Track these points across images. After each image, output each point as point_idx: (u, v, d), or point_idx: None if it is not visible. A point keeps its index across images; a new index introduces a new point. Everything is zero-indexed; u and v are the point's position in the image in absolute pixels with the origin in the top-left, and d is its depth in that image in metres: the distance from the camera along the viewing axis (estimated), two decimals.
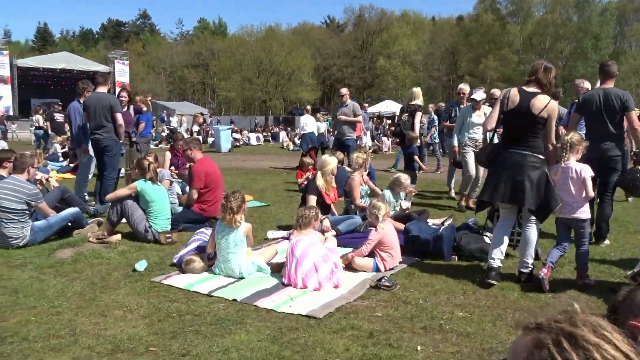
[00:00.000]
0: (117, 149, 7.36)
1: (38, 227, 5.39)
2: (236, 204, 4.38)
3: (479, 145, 7.38)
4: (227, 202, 4.40)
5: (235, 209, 4.36)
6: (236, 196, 4.44)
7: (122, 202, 5.58)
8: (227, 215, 4.35)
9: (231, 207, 4.35)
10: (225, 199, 4.48)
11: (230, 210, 4.35)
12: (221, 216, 4.47)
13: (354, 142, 10.92)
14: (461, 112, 8.01)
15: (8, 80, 39.76)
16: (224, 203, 4.42)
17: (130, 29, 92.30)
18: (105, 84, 7.31)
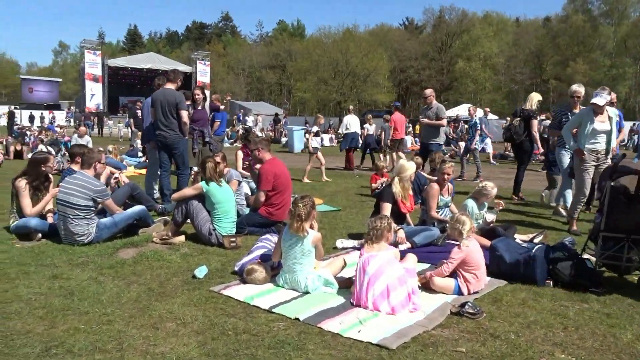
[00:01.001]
0: (183, 146, 7.22)
1: (103, 225, 5.28)
2: (305, 210, 3.99)
3: (601, 158, 6.47)
4: (296, 208, 4.01)
5: (304, 216, 3.97)
6: (305, 202, 4.04)
7: (187, 202, 5.37)
8: (295, 223, 3.97)
9: (299, 214, 3.96)
10: (293, 204, 4.10)
11: (299, 217, 3.96)
12: (288, 223, 4.09)
13: (439, 147, 10.27)
14: (578, 116, 6.71)
15: (100, 79, 42.22)
16: (292, 209, 4.04)
17: (213, 30, 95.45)
18: (174, 81, 7.19)
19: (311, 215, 4.06)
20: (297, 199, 4.09)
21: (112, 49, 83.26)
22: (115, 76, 45.35)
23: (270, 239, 4.76)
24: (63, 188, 5.15)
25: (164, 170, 7.23)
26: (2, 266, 4.40)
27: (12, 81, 67.67)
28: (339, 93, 60.56)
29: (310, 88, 64.32)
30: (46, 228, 5.43)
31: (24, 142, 19.28)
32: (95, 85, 42.43)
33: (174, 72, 7.23)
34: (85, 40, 43.92)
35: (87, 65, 42.21)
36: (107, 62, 43.65)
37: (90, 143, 15.59)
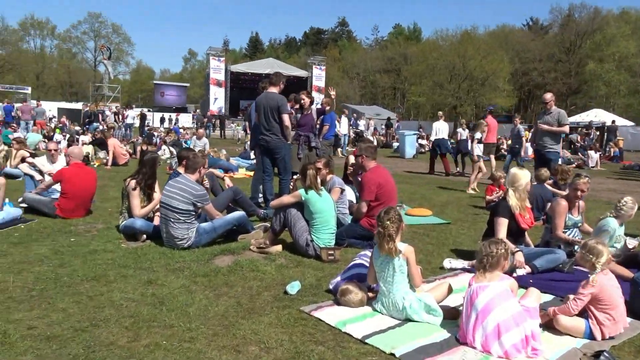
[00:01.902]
0: (286, 151, 7.06)
1: (203, 229, 5.23)
2: (393, 227, 3.55)
3: None
4: (383, 227, 3.57)
5: (394, 234, 3.54)
6: (392, 217, 3.59)
7: (285, 210, 5.15)
8: (385, 244, 3.53)
9: (389, 233, 3.53)
10: (379, 222, 3.63)
11: (389, 237, 3.52)
12: (377, 242, 3.66)
13: (557, 156, 9.32)
14: None
15: (223, 84, 44.57)
16: (380, 229, 3.59)
17: (329, 36, 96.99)
18: (276, 84, 7.05)
19: (400, 229, 3.62)
20: (382, 216, 3.64)
21: (235, 55, 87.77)
22: (237, 81, 47.57)
23: (369, 254, 4.36)
24: (166, 191, 5.18)
25: (266, 174, 7.14)
26: (105, 267, 4.46)
27: (147, 86, 73.79)
28: (455, 97, 58.56)
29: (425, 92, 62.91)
30: (150, 229, 5.51)
31: (150, 142, 20.72)
32: (218, 90, 44.84)
33: (276, 75, 7.11)
34: (211, 47, 46.56)
35: (212, 70, 44.75)
36: (230, 68, 45.90)
37: (207, 145, 16.28)
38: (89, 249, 5.02)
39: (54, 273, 4.23)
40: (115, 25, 74.93)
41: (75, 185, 6.42)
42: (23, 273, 4.21)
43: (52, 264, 4.48)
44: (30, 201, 6.56)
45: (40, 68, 70.85)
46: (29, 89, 48.48)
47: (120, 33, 75.22)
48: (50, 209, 6.44)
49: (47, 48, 76.34)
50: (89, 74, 70.28)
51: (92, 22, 73.65)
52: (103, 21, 73.99)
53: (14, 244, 5.12)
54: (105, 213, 6.90)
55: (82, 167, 6.66)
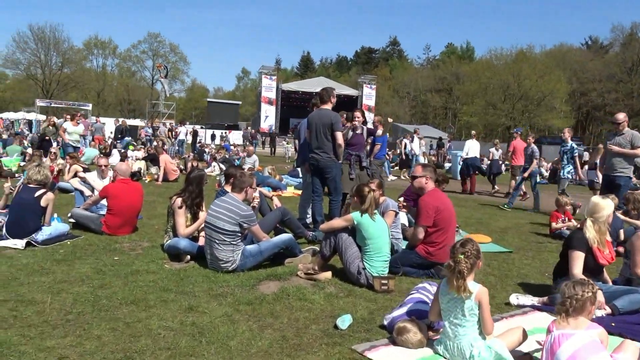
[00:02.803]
0: (337, 171, 6.74)
1: (249, 252, 4.95)
2: (467, 264, 3.09)
3: None
4: (455, 261, 3.12)
5: (467, 272, 3.09)
6: (468, 251, 3.13)
7: (336, 234, 4.81)
8: (455, 281, 3.10)
9: (460, 270, 3.08)
10: (452, 254, 3.19)
11: (459, 274, 3.08)
12: (447, 277, 3.24)
13: (628, 181, 8.61)
14: None
15: (274, 102, 45.14)
16: (451, 263, 3.15)
17: (380, 55, 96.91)
18: (327, 101, 6.77)
19: (475, 266, 3.18)
20: (457, 247, 3.18)
21: (287, 74, 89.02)
22: (288, 99, 48.04)
23: (429, 288, 3.95)
24: (211, 210, 4.95)
25: (316, 195, 6.83)
26: (146, 290, 4.24)
27: (201, 104, 75.74)
28: (509, 117, 57.04)
29: (477, 112, 61.67)
30: (195, 250, 5.28)
31: (201, 159, 20.93)
32: (269, 108, 45.41)
33: (326, 91, 6.82)
34: (264, 66, 47.31)
35: (264, 89, 45.42)
36: (281, 86, 46.45)
37: (257, 162, 16.24)
38: (132, 269, 4.83)
39: (93, 295, 4.04)
40: (172, 44, 77.50)
41: (121, 202, 6.32)
42: (62, 294, 4.04)
43: (92, 285, 4.31)
44: (78, 217, 6.51)
45: (101, 86, 73.89)
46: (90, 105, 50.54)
47: (177, 52, 77.69)
48: (96, 225, 6.35)
49: (109, 67, 79.75)
50: (146, 91, 72.69)
51: (151, 42, 76.45)
52: (161, 41, 76.69)
53: (58, 261, 5.00)
54: (151, 230, 6.76)
55: (128, 183, 6.57)
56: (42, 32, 62.81)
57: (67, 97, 60.89)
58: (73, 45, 67.71)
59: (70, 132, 14.38)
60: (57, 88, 63.75)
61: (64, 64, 65.43)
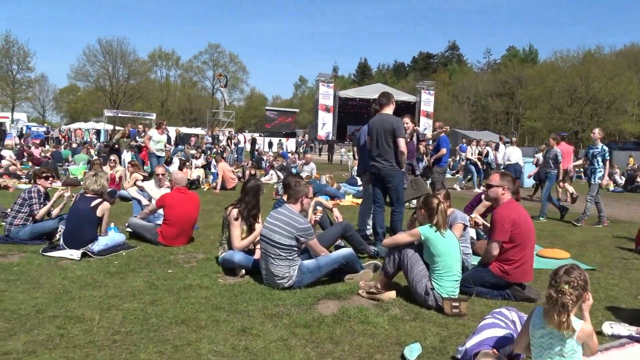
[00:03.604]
0: (399, 180, 6.32)
1: (306, 268, 4.62)
2: (572, 296, 2.59)
3: None
4: (558, 291, 2.61)
5: (571, 305, 2.61)
6: (573, 282, 2.62)
7: (401, 250, 4.40)
8: (557, 315, 2.61)
9: (564, 303, 2.59)
10: (553, 283, 2.66)
11: (562, 308, 2.59)
12: (543, 309, 2.75)
13: None
14: None
15: (331, 109, 45.09)
16: (552, 293, 2.63)
17: (439, 60, 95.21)
18: (388, 104, 6.37)
19: (581, 300, 2.68)
20: (560, 275, 2.65)
21: (344, 81, 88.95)
22: (345, 106, 47.84)
23: (506, 314, 3.46)
24: (267, 223, 4.67)
25: (377, 205, 6.44)
26: (198, 307, 4.00)
27: (260, 112, 76.81)
28: (576, 122, 54.36)
29: (541, 116, 59.29)
30: (250, 264, 5.01)
31: (259, 166, 20.96)
32: (326, 115, 45.38)
33: (383, 96, 6.41)
34: (321, 74, 47.39)
35: (321, 96, 45.48)
36: (338, 94, 46.34)
37: (314, 170, 16.02)
38: (184, 284, 4.62)
39: (143, 312, 3.82)
40: (232, 54, 79.28)
41: (177, 211, 6.17)
42: (112, 310, 3.85)
43: (143, 300, 4.11)
44: (134, 226, 6.42)
45: (164, 96, 76.50)
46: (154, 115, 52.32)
47: (237, 62, 79.35)
48: (153, 235, 6.24)
49: (172, 77, 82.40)
50: (207, 101, 74.54)
51: (212, 52, 78.49)
52: (222, 51, 78.60)
53: (111, 274, 4.86)
54: (207, 241, 6.58)
55: (185, 192, 6.42)
56: (110, 46, 65.85)
57: (133, 107, 63.38)
58: (138, 58, 70.57)
59: (156, 141, 13.76)
60: (123, 99, 66.50)
61: (130, 75, 68.21)
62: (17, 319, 3.59)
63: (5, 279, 4.54)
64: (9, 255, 5.45)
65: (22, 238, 6.03)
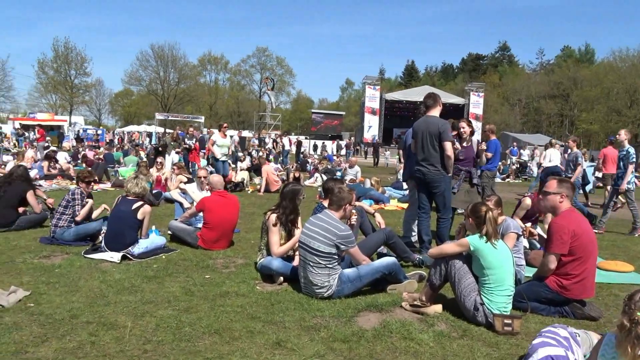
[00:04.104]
0: (446, 185, 6.00)
1: (347, 277, 4.40)
2: None
3: None
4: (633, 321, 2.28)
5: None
6: None
7: (447, 261, 4.11)
8: (630, 348, 2.26)
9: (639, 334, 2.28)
10: (627, 310, 2.34)
11: (637, 340, 2.25)
12: (616, 338, 2.40)
13: None
14: None
15: (377, 112, 44.70)
16: (625, 322, 2.30)
17: (489, 61, 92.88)
18: (434, 106, 6.06)
19: None
20: (636, 301, 2.32)
21: (390, 83, 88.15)
22: (391, 109, 47.33)
23: (556, 331, 3.12)
24: (306, 229, 4.48)
25: (422, 211, 6.14)
26: (233, 317, 3.85)
27: (306, 115, 77.13)
28: (636, 124, 51.76)
29: (598, 119, 56.85)
30: (289, 271, 4.83)
31: (304, 169, 20.87)
32: (372, 118, 45.02)
33: (430, 97, 6.12)
34: (367, 76, 47.08)
35: (367, 99, 45.17)
36: (385, 96, 45.88)
37: (359, 173, 15.74)
38: (221, 291, 4.48)
39: (177, 320, 3.70)
40: (279, 58, 79.96)
41: (217, 215, 6.08)
42: (146, 317, 3.75)
43: (178, 307, 3.99)
44: (175, 230, 6.37)
45: (213, 99, 77.97)
46: (202, 118, 53.36)
47: (284, 65, 79.98)
48: (193, 239, 6.17)
49: (220, 81, 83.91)
50: (254, 104, 75.41)
51: (260, 56, 79.40)
52: (269, 55, 79.39)
53: (149, 278, 4.79)
54: (247, 246, 6.47)
55: (224, 196, 6.32)
56: (162, 51, 67.63)
57: (183, 110, 64.89)
58: (188, 62, 72.19)
59: (220, 145, 12.94)
60: (174, 102, 68.15)
61: (180, 79, 69.86)
62: (51, 324, 3.54)
63: (46, 281, 4.54)
64: (53, 257, 5.49)
65: (66, 239, 6.09)
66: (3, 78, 57.89)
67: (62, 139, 37.02)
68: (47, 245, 5.95)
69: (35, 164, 15.14)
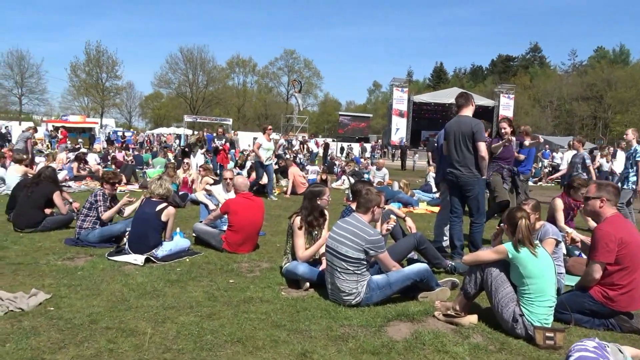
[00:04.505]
0: (480, 188, 5.73)
1: (376, 284, 4.19)
2: None
3: None
4: None
5: None
6: None
7: (484, 269, 3.87)
8: None
9: None
10: None
11: None
12: None
13: None
14: None
15: (405, 114, 44.25)
16: None
17: (520, 63, 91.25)
18: (467, 106, 5.80)
19: None
20: None
21: (418, 86, 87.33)
22: (419, 111, 46.79)
23: (586, 346, 2.87)
24: (333, 233, 4.29)
25: (455, 215, 5.89)
26: (257, 324, 3.68)
27: (333, 117, 76.94)
28: None
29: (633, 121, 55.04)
30: (315, 276, 4.65)
31: (331, 171, 20.68)
32: (400, 120, 44.56)
33: (462, 96, 5.86)
34: (395, 78, 46.63)
35: (395, 101, 44.74)
36: (413, 99, 45.38)
37: (387, 175, 15.50)
38: (245, 296, 4.33)
39: (199, 327, 3.55)
40: (307, 60, 79.99)
41: (242, 218, 5.94)
42: (167, 323, 3.62)
43: (200, 313, 3.85)
44: (199, 232, 6.26)
45: (241, 102, 78.42)
46: (230, 120, 53.66)
47: (311, 67, 79.99)
48: (217, 241, 6.04)
49: (248, 84, 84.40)
50: (281, 106, 75.62)
51: (287, 58, 79.62)
52: (297, 57, 79.52)
53: (171, 282, 4.67)
54: (272, 249, 6.31)
55: (249, 198, 6.18)
56: (191, 54, 68.39)
57: (211, 112, 65.45)
58: (217, 65, 72.81)
59: (266, 149, 12.18)
60: (202, 104, 68.80)
61: (208, 82, 70.53)
62: (70, 329, 3.43)
63: (68, 284, 4.46)
64: (76, 259, 5.43)
65: (91, 241, 6.04)
66: (37, 81, 59.61)
67: (93, 141, 37.63)
68: (72, 247, 5.90)
69: (66, 165, 15.32)
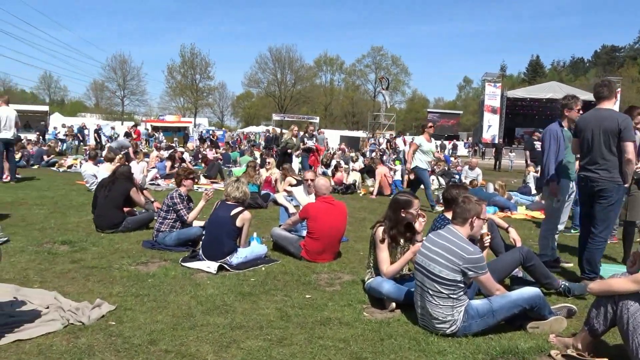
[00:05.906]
0: (618, 197, 4.78)
1: (475, 310, 3.51)
2: None
3: None
4: None
5: None
6: None
7: (617, 301, 3.07)
8: None
9: None
10: None
11: None
12: None
13: None
14: None
15: (497, 111, 42.02)
16: None
17: (627, 53, 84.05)
18: (610, 98, 4.86)
19: None
20: None
21: (512, 80, 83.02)
22: (513, 107, 44.22)
23: None
24: (424, 248, 3.67)
25: (584, 229, 5.03)
26: (332, 354, 3.15)
27: (422, 114, 75.07)
28: None
29: None
30: (402, 296, 4.04)
31: None
32: (492, 117, 42.38)
33: (605, 86, 4.92)
34: (487, 73, 44.40)
35: (487, 97, 42.60)
36: (506, 94, 42.99)
37: (480, 176, 14.42)
38: (322, 317, 3.82)
39: (267, 355, 3.09)
40: (394, 57, 78.56)
41: (322, 224, 5.45)
42: (231, 348, 3.18)
43: (270, 337, 3.38)
44: (277, 237, 5.85)
45: (328, 100, 78.66)
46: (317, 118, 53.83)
47: (399, 64, 78.47)
48: (296, 248, 5.60)
49: (336, 82, 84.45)
50: (368, 104, 74.79)
51: (374, 56, 78.63)
52: (384, 54, 78.31)
53: (243, 295, 4.26)
54: (355, 258, 5.77)
55: (331, 202, 5.66)
56: (279, 53, 69.60)
57: (298, 111, 66.15)
58: (304, 64, 73.48)
59: (425, 151, 10.19)
60: (290, 103, 69.78)
61: (296, 81, 71.41)
62: (127, 350, 3.09)
63: (136, 293, 4.19)
64: (150, 263, 5.20)
65: (168, 244, 5.83)
66: (138, 83, 63.35)
67: (187, 140, 39.13)
68: (148, 250, 5.72)
69: (160, 164, 15.72)
